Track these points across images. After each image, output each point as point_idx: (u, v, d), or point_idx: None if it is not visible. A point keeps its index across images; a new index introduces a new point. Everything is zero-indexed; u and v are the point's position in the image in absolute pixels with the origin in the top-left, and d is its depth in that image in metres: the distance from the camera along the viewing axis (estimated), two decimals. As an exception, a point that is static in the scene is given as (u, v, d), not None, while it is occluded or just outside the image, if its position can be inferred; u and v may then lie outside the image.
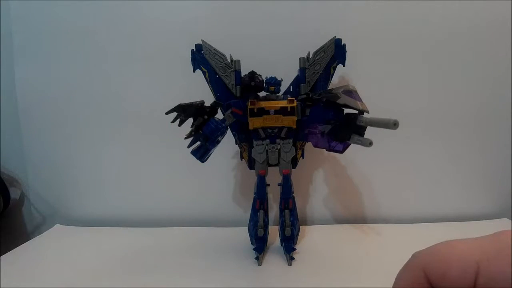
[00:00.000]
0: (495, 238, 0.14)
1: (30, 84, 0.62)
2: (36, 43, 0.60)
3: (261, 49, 0.56)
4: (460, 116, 0.58)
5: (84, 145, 0.62)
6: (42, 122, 0.62)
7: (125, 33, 0.58)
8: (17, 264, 0.47)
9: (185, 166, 0.57)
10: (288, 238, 0.46)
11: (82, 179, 0.63)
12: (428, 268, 0.14)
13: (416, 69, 0.56)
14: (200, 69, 0.47)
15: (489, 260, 0.13)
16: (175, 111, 0.41)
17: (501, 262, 0.12)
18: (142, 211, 0.62)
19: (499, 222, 0.56)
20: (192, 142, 0.42)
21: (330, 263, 0.44)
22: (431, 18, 0.55)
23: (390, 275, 0.17)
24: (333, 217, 0.61)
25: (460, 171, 0.59)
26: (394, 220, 0.57)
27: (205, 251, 0.48)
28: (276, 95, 0.44)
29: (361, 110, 0.37)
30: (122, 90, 0.60)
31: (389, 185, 0.59)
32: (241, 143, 0.47)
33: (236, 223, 0.56)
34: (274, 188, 0.48)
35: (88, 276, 0.43)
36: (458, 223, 0.56)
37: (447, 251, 0.14)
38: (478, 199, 0.59)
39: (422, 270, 0.14)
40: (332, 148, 0.41)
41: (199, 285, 0.39)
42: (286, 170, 0.45)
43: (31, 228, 0.67)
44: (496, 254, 0.13)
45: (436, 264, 0.14)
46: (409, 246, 0.20)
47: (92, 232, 0.58)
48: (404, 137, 0.56)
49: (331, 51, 0.46)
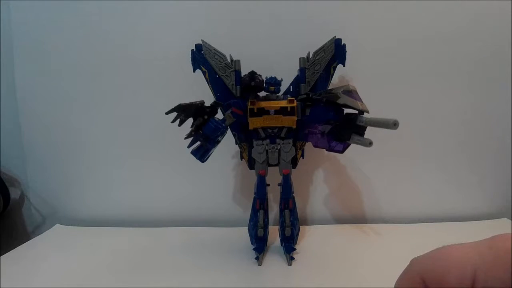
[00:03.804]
0: (492, 243, 0.14)
1: (30, 84, 0.62)
2: (36, 43, 0.60)
3: (261, 49, 0.56)
4: (460, 116, 0.58)
5: (84, 145, 0.62)
6: (42, 122, 0.62)
7: (125, 33, 0.58)
8: (17, 264, 0.47)
9: (185, 166, 0.57)
10: (288, 238, 0.46)
11: (82, 179, 0.63)
12: (426, 274, 0.14)
13: (416, 69, 0.56)
14: (200, 69, 0.47)
15: (487, 266, 0.13)
16: (175, 111, 0.41)
17: (498, 268, 0.13)
18: (142, 211, 0.62)
19: (499, 222, 0.56)
20: (192, 142, 0.42)
21: (330, 263, 0.44)
22: (431, 18, 0.55)
23: (390, 275, 0.17)
24: (333, 217, 0.61)
25: (460, 171, 0.59)
26: (394, 220, 0.57)
27: (205, 251, 0.48)
28: (276, 95, 0.44)
29: (361, 110, 0.37)
30: (122, 90, 0.60)
31: (389, 185, 0.59)
32: (241, 143, 0.47)
33: (236, 223, 0.56)
34: (274, 188, 0.48)
35: (88, 276, 0.43)
36: (458, 223, 0.56)
37: (445, 258, 0.14)
38: (478, 199, 0.59)
39: (420, 277, 0.14)
40: (332, 148, 0.41)
41: (199, 285, 0.39)
42: (286, 170, 0.45)
43: (31, 228, 0.67)
44: (493, 260, 0.13)
45: (434, 271, 0.14)
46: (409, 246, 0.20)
47: (92, 232, 0.58)
48: (404, 137, 0.56)
49: (331, 51, 0.46)
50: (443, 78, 0.57)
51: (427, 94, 0.57)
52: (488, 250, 0.13)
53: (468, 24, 0.55)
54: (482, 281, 0.13)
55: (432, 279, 0.14)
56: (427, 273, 0.14)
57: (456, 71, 0.56)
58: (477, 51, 0.56)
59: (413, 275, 0.15)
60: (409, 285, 0.15)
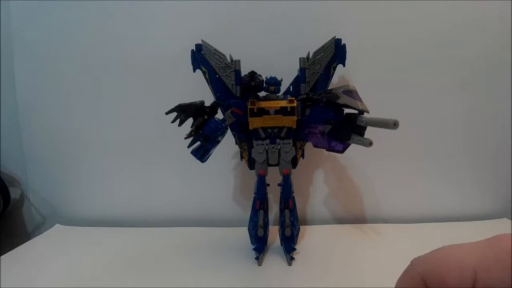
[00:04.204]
0: (492, 243, 0.14)
1: (30, 84, 0.62)
2: (36, 43, 0.60)
3: (261, 49, 0.56)
4: (460, 116, 0.58)
5: (84, 145, 0.62)
6: (42, 122, 0.62)
7: (125, 33, 0.58)
8: (17, 264, 0.47)
9: (185, 166, 0.57)
10: (288, 238, 0.46)
11: (82, 179, 0.63)
12: (426, 275, 0.14)
13: (416, 69, 0.56)
14: (200, 69, 0.47)
15: (487, 267, 0.13)
16: (175, 111, 0.41)
17: (499, 269, 0.12)
18: (142, 211, 0.62)
19: (499, 222, 0.56)
20: (192, 142, 0.42)
21: (330, 263, 0.44)
22: (431, 18, 0.55)
23: (390, 275, 0.17)
24: (333, 217, 0.61)
25: (460, 171, 0.59)
26: (394, 220, 0.57)
27: (205, 251, 0.48)
28: (276, 95, 0.44)
29: (361, 110, 0.37)
30: (121, 90, 0.60)
31: (389, 185, 0.59)
32: (241, 143, 0.48)
33: (236, 223, 0.56)
34: (274, 188, 0.48)
35: (88, 276, 0.43)
36: (458, 223, 0.56)
37: (445, 258, 0.14)
38: (478, 199, 0.59)
39: (420, 277, 0.14)
40: (332, 148, 0.41)
41: (199, 285, 0.40)
42: (286, 170, 0.45)
43: (31, 228, 0.67)
44: (494, 261, 0.13)
45: (434, 272, 0.14)
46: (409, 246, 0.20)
47: (92, 232, 0.58)
48: (404, 137, 0.56)
49: (331, 51, 0.46)
50: (443, 78, 0.57)
51: (427, 94, 0.57)
52: (488, 250, 0.13)
53: (469, 24, 0.55)
54: (482, 281, 0.13)
55: (433, 279, 0.14)
56: (427, 273, 0.14)
57: (456, 71, 0.56)
58: (477, 51, 0.56)
59: (414, 275, 0.15)
60: (409, 285, 0.15)
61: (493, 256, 0.13)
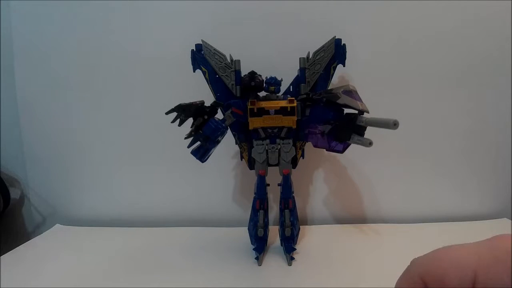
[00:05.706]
0: (491, 244, 0.14)
1: (30, 85, 0.62)
2: (36, 43, 0.60)
3: (261, 49, 0.56)
4: (460, 116, 0.58)
5: (84, 145, 0.62)
6: (42, 122, 0.62)
7: (125, 33, 0.58)
8: (17, 264, 0.47)
9: (185, 166, 0.57)
10: (288, 238, 0.46)
11: (82, 179, 0.63)
12: (426, 275, 0.14)
13: (416, 70, 0.56)
14: (200, 69, 0.47)
15: (486, 268, 0.13)
16: (175, 111, 0.41)
17: (498, 270, 0.12)
18: (142, 211, 0.62)
19: (499, 222, 0.56)
20: (192, 142, 0.42)
21: (330, 263, 0.44)
22: (432, 18, 0.55)
23: (390, 275, 0.17)
24: (333, 217, 0.61)
25: (459, 171, 0.59)
26: (394, 220, 0.57)
27: (205, 251, 0.48)
28: (276, 95, 0.44)
29: (361, 110, 0.37)
30: (121, 90, 0.60)
31: (389, 185, 0.59)
32: (241, 143, 0.48)
33: (236, 223, 0.56)
34: (274, 188, 0.48)
35: (88, 276, 0.43)
36: (458, 223, 0.56)
37: (445, 259, 0.14)
38: (478, 199, 0.59)
39: (420, 277, 0.14)
40: (332, 148, 0.41)
41: (199, 285, 0.40)
42: (286, 170, 0.45)
43: (31, 228, 0.67)
44: (493, 262, 0.13)
45: (434, 272, 0.14)
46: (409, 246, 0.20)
47: (92, 232, 0.58)
48: (403, 137, 0.56)
49: (331, 51, 0.46)
50: (443, 78, 0.57)
51: (427, 94, 0.57)
52: (488, 251, 0.13)
53: (469, 25, 0.55)
54: (482, 281, 0.13)
55: (432, 279, 0.14)
56: (427, 273, 0.14)
57: (456, 71, 0.56)
58: (476, 51, 0.56)
59: (413, 275, 0.15)
60: (409, 285, 0.15)
61: (492, 256, 0.13)
